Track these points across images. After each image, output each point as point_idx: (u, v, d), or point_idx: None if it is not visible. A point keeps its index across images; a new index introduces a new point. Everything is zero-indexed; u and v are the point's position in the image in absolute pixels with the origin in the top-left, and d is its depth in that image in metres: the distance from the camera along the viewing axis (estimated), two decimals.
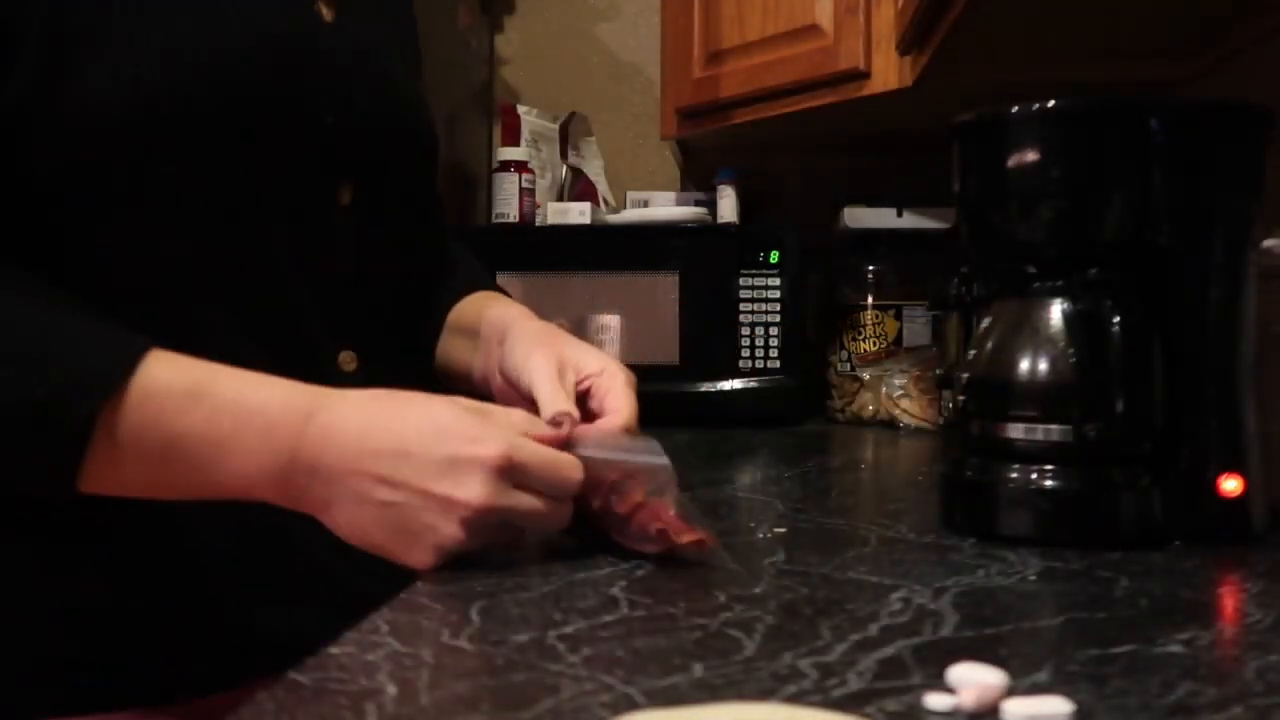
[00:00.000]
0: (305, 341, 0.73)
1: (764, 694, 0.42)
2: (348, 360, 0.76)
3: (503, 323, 0.82)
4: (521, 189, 1.72)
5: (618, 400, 0.73)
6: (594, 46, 2.03)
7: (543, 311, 0.86)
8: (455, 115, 1.83)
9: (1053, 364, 0.73)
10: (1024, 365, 0.74)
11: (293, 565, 0.72)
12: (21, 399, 0.57)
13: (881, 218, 1.59)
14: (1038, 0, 1.08)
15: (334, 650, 0.47)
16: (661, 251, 1.58)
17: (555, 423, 0.66)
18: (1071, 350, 0.73)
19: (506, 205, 1.72)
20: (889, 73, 1.39)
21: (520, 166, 1.73)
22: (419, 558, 0.60)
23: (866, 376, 1.61)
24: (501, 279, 1.08)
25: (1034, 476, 0.72)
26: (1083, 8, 1.10)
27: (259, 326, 0.71)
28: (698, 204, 1.77)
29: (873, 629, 0.51)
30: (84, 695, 0.66)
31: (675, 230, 1.62)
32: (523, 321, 0.81)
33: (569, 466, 0.62)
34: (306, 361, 0.69)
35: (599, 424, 0.72)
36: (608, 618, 0.52)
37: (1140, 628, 0.52)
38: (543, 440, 0.62)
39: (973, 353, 0.78)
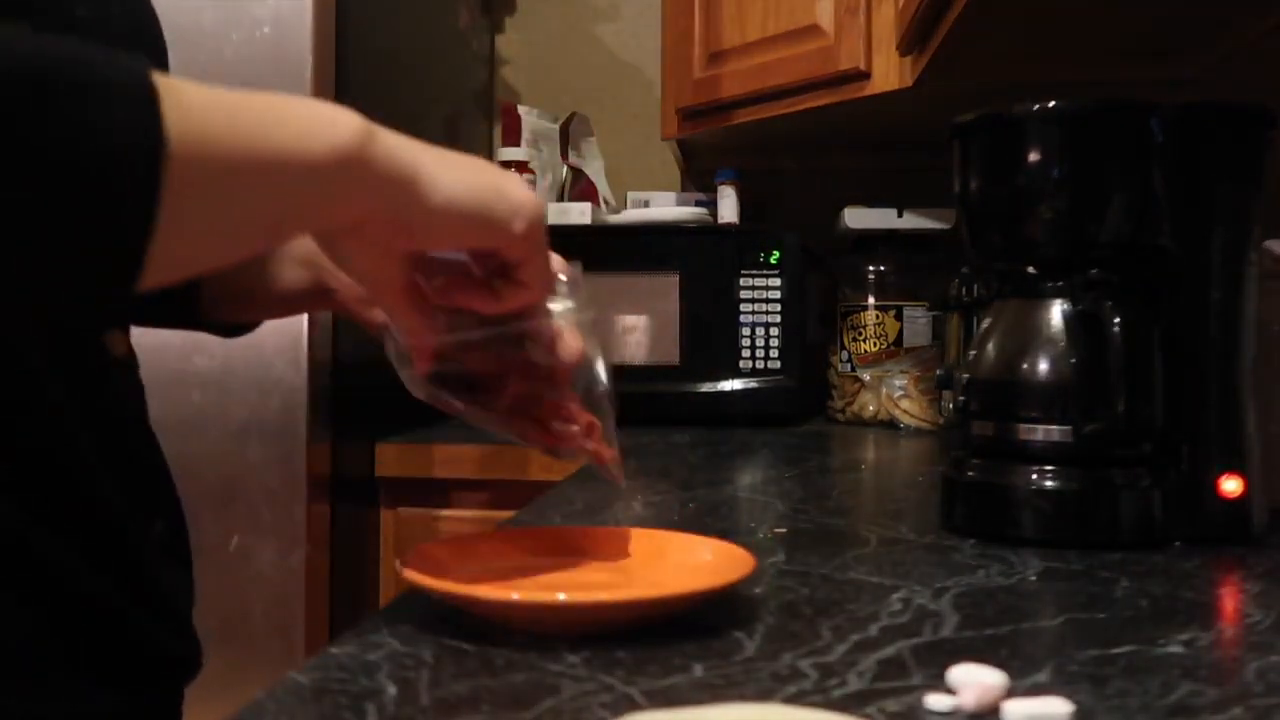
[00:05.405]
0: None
1: (764, 694, 0.42)
2: (118, 343, 0.63)
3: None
4: None
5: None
6: (594, 46, 2.03)
7: None
8: (455, 115, 1.83)
9: (1053, 364, 0.73)
10: (1024, 365, 0.74)
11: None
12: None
13: (881, 218, 1.59)
14: (1038, 0, 1.08)
15: (334, 650, 0.47)
16: (662, 252, 1.58)
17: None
18: (1072, 350, 0.73)
19: None
20: (889, 73, 1.39)
21: (521, 167, 1.73)
22: (514, 207, 0.53)
23: (867, 377, 1.61)
24: None
25: (1034, 477, 0.72)
26: (1083, 8, 1.10)
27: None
28: (698, 204, 1.77)
29: (873, 629, 0.51)
30: None
31: (676, 230, 1.62)
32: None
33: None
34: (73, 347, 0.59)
35: None
36: None
37: (1140, 628, 0.52)
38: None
39: (973, 353, 0.78)
